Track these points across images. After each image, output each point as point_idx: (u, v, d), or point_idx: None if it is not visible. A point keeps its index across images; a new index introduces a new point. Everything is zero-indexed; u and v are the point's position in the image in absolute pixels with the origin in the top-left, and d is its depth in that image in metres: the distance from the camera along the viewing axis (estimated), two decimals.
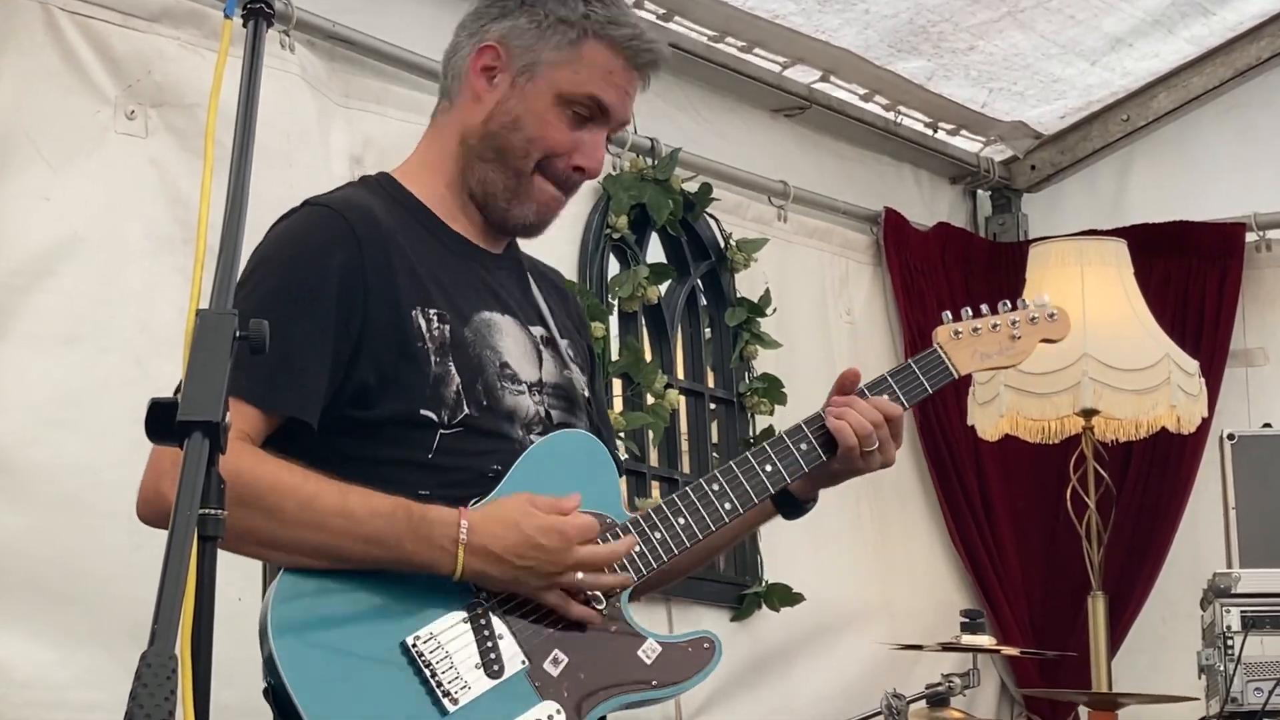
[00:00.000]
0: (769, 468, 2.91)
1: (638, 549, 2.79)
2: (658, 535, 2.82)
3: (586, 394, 2.97)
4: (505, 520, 2.69)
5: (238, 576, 2.82)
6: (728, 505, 2.87)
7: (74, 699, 3.84)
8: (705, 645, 2.81)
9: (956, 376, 3.07)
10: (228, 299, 1.96)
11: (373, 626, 2.65)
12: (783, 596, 5.66)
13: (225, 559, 2.23)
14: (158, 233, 4.12)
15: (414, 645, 2.65)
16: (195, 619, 1.84)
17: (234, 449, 2.53)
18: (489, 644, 2.68)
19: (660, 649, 2.78)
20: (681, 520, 2.84)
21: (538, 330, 2.92)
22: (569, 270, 5.21)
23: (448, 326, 2.77)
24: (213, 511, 1.88)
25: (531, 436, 2.83)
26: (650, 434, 5.39)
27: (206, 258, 1.99)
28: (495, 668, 2.67)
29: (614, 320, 5.38)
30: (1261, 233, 6.56)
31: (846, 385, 2.99)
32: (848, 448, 2.90)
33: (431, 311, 2.76)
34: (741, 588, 5.63)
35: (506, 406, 2.81)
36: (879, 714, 4.91)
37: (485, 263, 2.90)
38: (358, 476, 2.68)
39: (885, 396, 2.97)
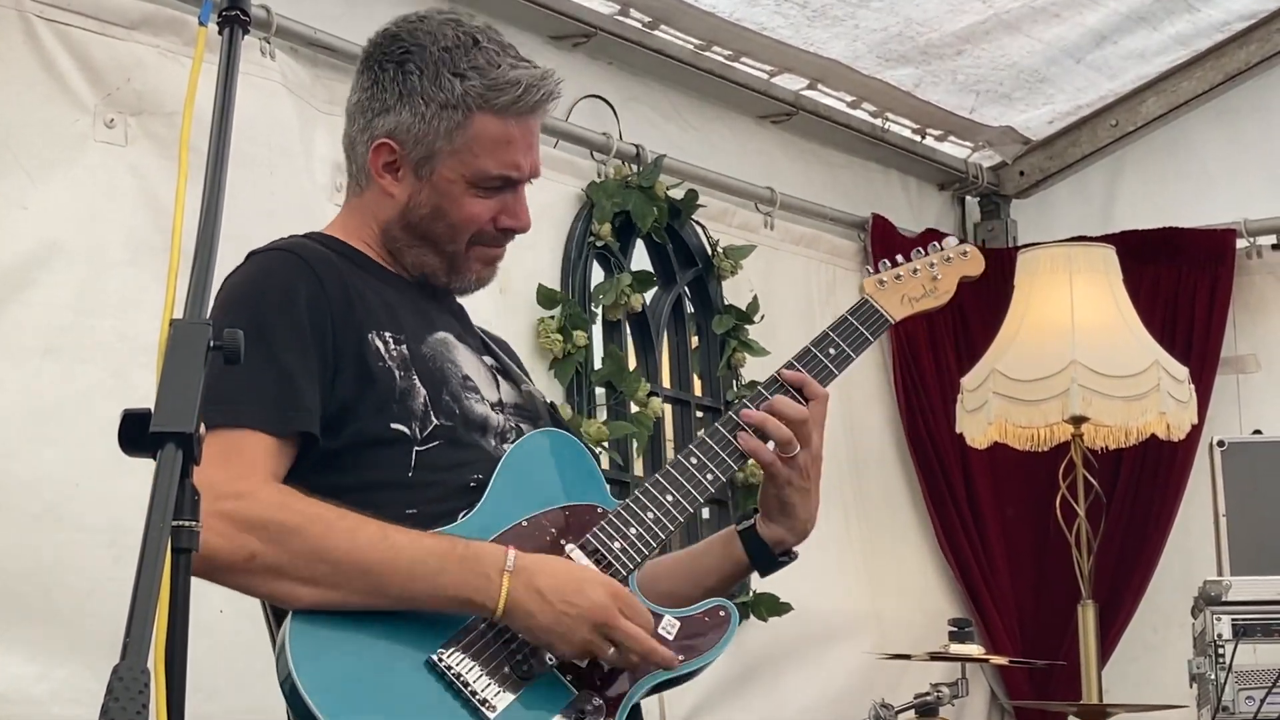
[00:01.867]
0: (742, 436, 2.90)
1: (634, 531, 2.79)
2: (650, 515, 2.82)
3: (550, 400, 3.00)
4: (555, 562, 2.69)
5: (218, 588, 2.79)
6: (709, 476, 2.88)
7: (54, 714, 3.81)
8: (721, 613, 2.85)
9: (893, 322, 3.16)
10: (202, 309, 1.93)
11: (395, 647, 2.60)
12: (770, 606, 5.63)
13: None
14: (137, 242, 4.09)
15: (441, 660, 2.62)
16: (169, 632, 1.81)
17: (269, 488, 2.58)
18: (514, 645, 2.66)
19: (679, 624, 2.79)
20: (669, 497, 2.84)
21: (488, 360, 2.95)
22: (552, 279, 5.20)
23: (404, 346, 2.78)
24: (186, 523, 1.84)
25: (504, 446, 2.83)
26: (634, 443, 5.35)
27: (182, 266, 1.97)
28: (525, 668, 2.65)
29: (598, 329, 5.35)
30: (1252, 239, 6.54)
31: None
32: (767, 464, 2.90)
33: (387, 334, 2.77)
34: (728, 598, 5.58)
35: (478, 414, 2.81)
36: None
37: (427, 299, 2.91)
38: (344, 506, 2.65)
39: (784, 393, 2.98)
